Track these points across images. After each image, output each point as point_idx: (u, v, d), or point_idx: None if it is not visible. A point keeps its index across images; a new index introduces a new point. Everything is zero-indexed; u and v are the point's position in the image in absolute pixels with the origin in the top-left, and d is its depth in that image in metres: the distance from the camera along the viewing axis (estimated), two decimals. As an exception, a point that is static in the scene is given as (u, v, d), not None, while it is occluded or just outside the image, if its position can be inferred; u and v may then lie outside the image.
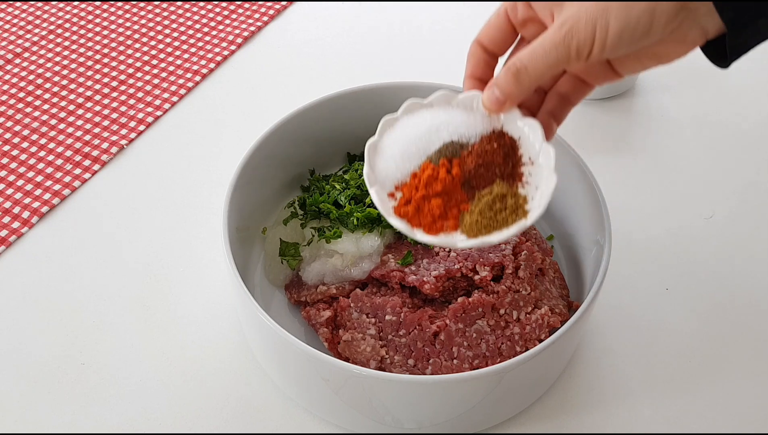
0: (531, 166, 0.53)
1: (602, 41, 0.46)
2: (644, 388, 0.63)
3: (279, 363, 0.60)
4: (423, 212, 0.52)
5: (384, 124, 0.56)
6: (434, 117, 0.54)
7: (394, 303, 0.60)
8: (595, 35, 0.46)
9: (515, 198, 0.52)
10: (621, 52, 0.47)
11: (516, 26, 0.53)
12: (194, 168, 0.81)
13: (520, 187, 0.53)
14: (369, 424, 0.59)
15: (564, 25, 0.47)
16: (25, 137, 0.83)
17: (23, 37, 0.96)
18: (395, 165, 0.54)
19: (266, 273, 0.68)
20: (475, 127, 0.54)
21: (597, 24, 0.46)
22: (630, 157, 0.82)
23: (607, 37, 0.46)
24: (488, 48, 0.54)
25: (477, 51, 0.54)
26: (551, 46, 0.47)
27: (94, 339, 0.66)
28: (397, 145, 0.54)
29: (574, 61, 0.47)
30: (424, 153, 0.53)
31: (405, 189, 0.53)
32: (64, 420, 0.61)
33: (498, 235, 0.51)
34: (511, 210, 0.51)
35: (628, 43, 0.46)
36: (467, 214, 0.52)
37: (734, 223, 0.75)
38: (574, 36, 0.46)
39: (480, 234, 0.51)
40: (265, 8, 1.00)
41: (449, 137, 0.53)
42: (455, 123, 0.54)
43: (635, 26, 0.45)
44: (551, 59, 0.47)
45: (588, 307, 0.56)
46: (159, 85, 0.90)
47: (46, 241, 0.74)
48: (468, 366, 0.58)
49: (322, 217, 0.67)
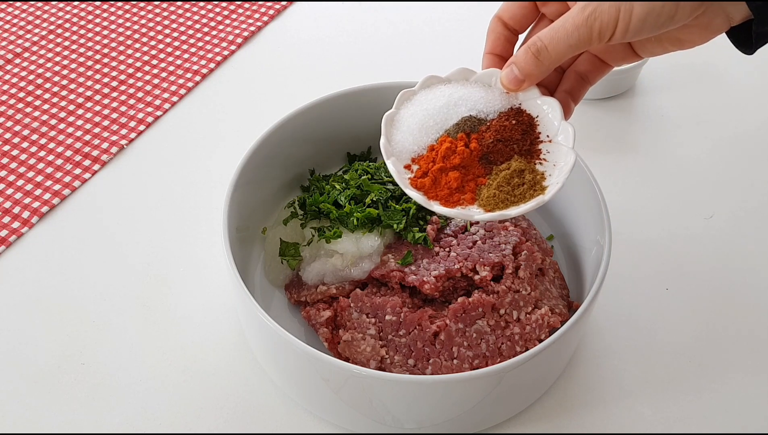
0: (549, 144, 0.53)
1: (625, 25, 0.45)
2: (644, 388, 0.63)
3: (279, 363, 0.60)
4: (440, 184, 0.52)
5: (401, 96, 0.56)
6: (453, 92, 0.54)
7: (394, 303, 0.60)
8: (618, 18, 0.45)
9: (533, 174, 0.52)
10: (644, 36, 0.47)
11: (538, 4, 0.53)
12: (194, 168, 0.81)
13: (538, 164, 0.52)
14: (369, 424, 0.59)
15: (587, 6, 0.46)
16: (25, 137, 0.83)
17: (23, 37, 0.96)
18: (412, 138, 0.54)
19: (266, 273, 0.68)
20: (494, 103, 0.54)
21: (621, 7, 0.45)
22: (630, 157, 0.82)
23: (631, 21, 0.45)
24: (508, 24, 0.54)
25: (497, 27, 0.54)
26: (573, 27, 0.47)
27: (94, 339, 0.66)
28: (415, 118, 0.54)
29: (596, 42, 0.47)
30: (442, 126, 0.53)
31: (422, 162, 0.53)
32: (64, 420, 0.61)
33: (515, 209, 0.51)
34: (529, 185, 0.51)
35: (651, 28, 0.46)
36: (485, 187, 0.52)
37: (734, 223, 0.75)
38: (597, 18, 0.46)
39: (497, 208, 0.51)
40: (265, 8, 1.00)
41: (467, 112, 0.53)
42: (474, 98, 0.54)
43: (660, 11, 0.45)
44: (573, 40, 0.47)
45: (588, 307, 0.56)
46: (159, 85, 0.90)
47: (46, 241, 0.74)
48: (468, 366, 0.58)
49: (322, 217, 0.67)
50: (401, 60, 0.94)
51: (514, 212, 0.51)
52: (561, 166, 0.52)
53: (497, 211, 0.51)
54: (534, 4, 0.53)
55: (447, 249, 0.64)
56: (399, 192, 0.67)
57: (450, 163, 0.52)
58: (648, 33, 0.46)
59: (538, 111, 0.53)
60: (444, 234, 0.65)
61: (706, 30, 0.48)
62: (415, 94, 0.56)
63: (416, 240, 0.64)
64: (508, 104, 0.54)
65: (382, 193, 0.66)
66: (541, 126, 0.53)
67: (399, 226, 0.64)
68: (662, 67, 0.91)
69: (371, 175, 0.69)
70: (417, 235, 0.64)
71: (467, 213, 0.51)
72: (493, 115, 0.53)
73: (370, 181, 0.67)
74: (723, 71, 0.92)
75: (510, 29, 0.54)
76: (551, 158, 0.52)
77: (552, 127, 0.53)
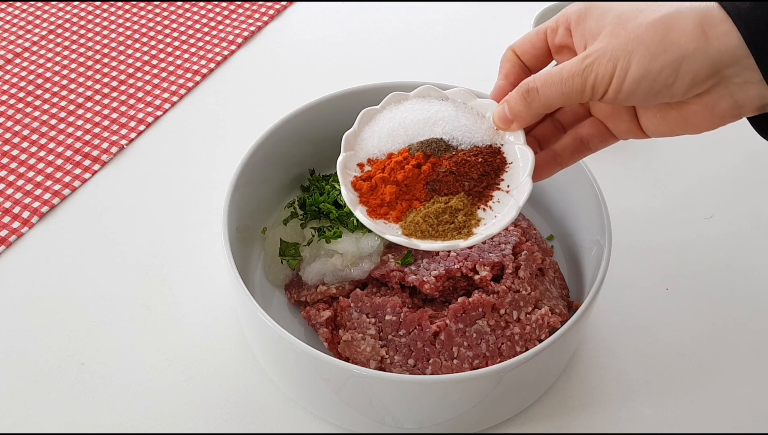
0: (504, 194, 0.52)
1: (619, 83, 0.44)
2: (644, 388, 0.63)
3: (279, 363, 0.60)
4: (375, 193, 0.52)
5: (390, 98, 0.55)
6: (440, 110, 0.54)
7: (394, 303, 0.60)
8: (613, 75, 0.44)
9: (468, 217, 0.51)
10: (638, 101, 0.45)
11: (552, 50, 0.52)
12: (194, 168, 0.81)
13: (481, 209, 0.51)
14: (369, 424, 0.59)
15: (587, 57, 0.45)
16: (25, 137, 0.83)
17: (23, 37, 0.96)
18: (378, 140, 0.54)
19: (266, 273, 0.68)
20: (474, 135, 0.52)
21: (618, 64, 0.44)
22: (630, 157, 0.82)
23: (625, 81, 0.44)
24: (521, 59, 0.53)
25: (512, 57, 0.53)
26: (568, 74, 0.46)
27: (94, 339, 0.66)
28: (391, 122, 0.54)
29: (588, 96, 0.46)
30: (409, 139, 0.53)
31: (375, 165, 0.53)
32: (64, 420, 0.61)
33: (428, 244, 0.50)
34: (456, 226, 0.50)
35: (646, 93, 0.44)
36: (414, 211, 0.51)
37: (734, 223, 0.75)
38: (593, 70, 0.45)
39: (414, 235, 0.51)
40: (265, 8, 1.00)
41: (441, 134, 0.53)
42: (456, 124, 0.53)
43: (656, 77, 0.43)
44: (565, 88, 0.46)
45: (588, 307, 0.56)
46: (159, 85, 0.90)
47: (46, 241, 0.74)
48: (468, 366, 0.58)
49: (322, 217, 0.67)
50: (401, 60, 0.94)
51: (423, 246, 0.50)
52: (498, 219, 0.50)
53: (411, 238, 0.50)
54: (547, 48, 0.52)
55: (447, 249, 0.64)
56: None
57: (393, 177, 0.51)
58: (643, 98, 0.45)
59: (513, 158, 0.52)
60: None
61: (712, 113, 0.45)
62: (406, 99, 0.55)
63: (416, 240, 0.64)
64: (489, 140, 0.52)
65: (382, 193, 0.66)
66: (508, 174, 0.52)
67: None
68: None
69: (371, 175, 0.69)
70: (417, 235, 0.64)
71: (383, 229, 0.51)
72: (466, 145, 0.52)
73: (370, 181, 0.67)
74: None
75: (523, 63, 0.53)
76: (497, 208, 0.51)
77: (516, 179, 0.52)
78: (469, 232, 0.50)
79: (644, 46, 0.43)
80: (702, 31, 0.42)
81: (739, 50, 0.42)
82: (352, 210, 0.52)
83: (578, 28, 0.48)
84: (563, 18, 0.50)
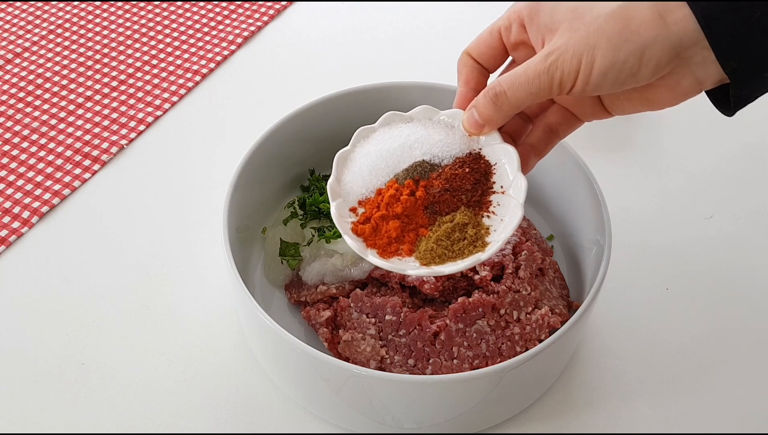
0: (501, 196, 0.51)
1: (586, 77, 0.45)
2: (644, 388, 0.63)
3: (279, 363, 0.60)
4: (380, 233, 0.51)
5: (358, 134, 0.54)
6: (411, 133, 0.53)
7: (394, 303, 0.60)
8: (579, 70, 0.45)
9: (477, 228, 0.50)
10: (605, 91, 0.46)
11: (508, 47, 0.52)
12: (194, 168, 0.81)
13: (485, 217, 0.51)
14: (369, 424, 0.59)
15: (550, 55, 0.45)
16: (25, 137, 0.83)
17: (23, 37, 0.96)
18: (362, 180, 0.53)
19: (266, 273, 0.68)
20: (452, 147, 0.52)
21: (582, 59, 0.44)
22: (630, 157, 0.82)
23: (591, 74, 0.44)
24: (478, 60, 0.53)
25: (468, 61, 0.53)
26: (534, 74, 0.46)
27: (94, 339, 0.66)
28: (368, 158, 0.53)
29: (556, 92, 0.46)
30: (393, 170, 0.52)
31: (367, 205, 0.52)
32: (64, 420, 0.61)
33: (451, 266, 0.49)
34: (470, 241, 0.50)
35: (612, 83, 0.45)
36: (424, 239, 0.51)
37: (734, 223, 0.75)
38: (558, 68, 0.45)
39: (433, 262, 0.50)
40: (265, 8, 1.00)
41: (421, 156, 0.52)
42: (431, 141, 0.52)
43: (621, 67, 0.44)
44: (533, 88, 0.46)
45: (588, 307, 0.56)
46: (159, 85, 0.90)
47: (46, 241, 0.74)
48: (468, 366, 0.58)
49: (322, 217, 0.67)
50: (401, 60, 0.94)
51: (447, 270, 0.49)
52: (507, 222, 0.50)
53: (432, 266, 0.50)
54: (503, 46, 0.52)
55: (447, 249, 0.64)
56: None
57: (392, 211, 0.51)
58: (610, 88, 0.45)
59: (496, 158, 0.52)
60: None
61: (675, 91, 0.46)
62: (373, 131, 0.54)
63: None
64: (467, 148, 0.52)
65: (382, 193, 0.66)
66: (497, 175, 0.52)
67: None
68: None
69: (371, 175, 0.68)
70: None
71: (401, 266, 0.50)
72: (448, 160, 0.52)
73: (370, 181, 0.67)
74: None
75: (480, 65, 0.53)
76: (500, 211, 0.51)
77: (507, 178, 0.51)
78: (484, 243, 0.50)
79: (606, 39, 0.44)
80: (660, 18, 0.43)
81: (697, 33, 0.43)
82: (363, 256, 0.50)
83: (532, 24, 0.48)
84: (514, 15, 0.50)
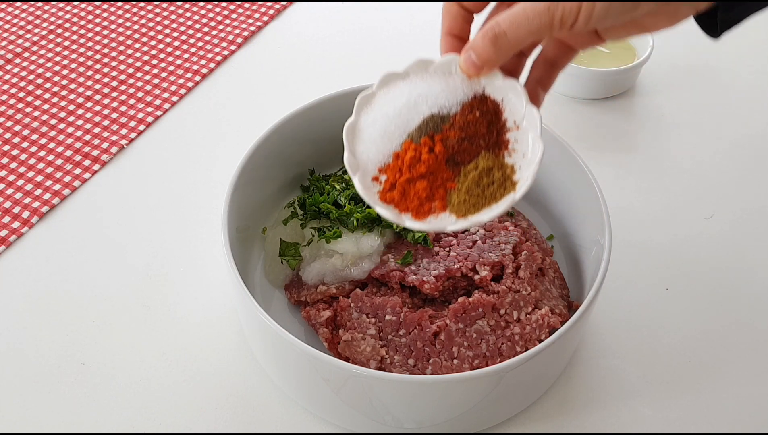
0: (517, 131, 0.51)
1: (588, 13, 0.44)
2: (644, 388, 0.63)
3: (279, 363, 0.60)
4: (409, 196, 0.51)
5: (360, 102, 0.53)
6: (411, 89, 0.52)
7: (394, 303, 0.60)
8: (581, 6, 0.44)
9: (502, 169, 0.50)
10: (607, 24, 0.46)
11: None
12: (194, 168, 0.81)
13: (506, 156, 0.51)
14: (369, 424, 0.59)
15: None
16: (25, 137, 0.83)
17: (23, 37, 0.96)
18: (376, 147, 0.52)
19: (266, 273, 0.68)
20: (456, 94, 0.51)
21: None
22: (630, 157, 0.82)
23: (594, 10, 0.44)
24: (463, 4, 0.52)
25: (452, 8, 0.52)
26: (533, 13, 0.45)
27: (94, 339, 0.66)
28: (376, 125, 0.52)
29: (557, 30, 0.45)
30: (404, 130, 0.51)
31: (389, 171, 0.51)
32: (64, 420, 0.61)
33: (488, 212, 0.49)
34: (498, 183, 0.50)
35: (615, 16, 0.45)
36: (454, 192, 0.50)
37: (734, 223, 0.75)
38: (559, 6, 0.44)
39: (469, 213, 0.50)
40: (265, 8, 1.00)
41: (429, 111, 0.51)
42: (434, 93, 0.52)
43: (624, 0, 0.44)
44: (533, 26, 0.45)
45: (588, 307, 0.56)
46: (159, 85, 0.90)
47: (46, 241, 0.74)
48: (468, 366, 0.58)
49: (322, 217, 0.67)
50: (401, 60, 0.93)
51: (486, 217, 0.49)
52: (530, 157, 0.50)
53: (469, 216, 0.50)
54: None
55: (447, 249, 0.64)
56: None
57: (417, 173, 0.50)
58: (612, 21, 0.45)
59: (502, 95, 0.51)
60: (444, 234, 0.65)
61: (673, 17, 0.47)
62: (373, 96, 0.54)
63: (416, 240, 0.64)
64: (471, 92, 0.51)
65: (382, 193, 0.66)
66: (507, 111, 0.51)
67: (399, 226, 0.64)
68: (662, 67, 0.91)
69: (371, 175, 0.68)
70: (417, 235, 0.64)
71: (440, 224, 0.50)
72: (456, 107, 0.51)
73: (370, 181, 0.67)
74: (723, 71, 0.92)
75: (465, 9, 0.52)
76: (520, 147, 0.51)
77: (518, 112, 0.51)
78: (513, 182, 0.50)
79: None
80: None
81: None
82: (401, 223, 0.50)
83: None
84: None
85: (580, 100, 0.87)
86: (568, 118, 0.86)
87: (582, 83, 0.86)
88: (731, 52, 0.94)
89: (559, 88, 0.87)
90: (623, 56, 0.88)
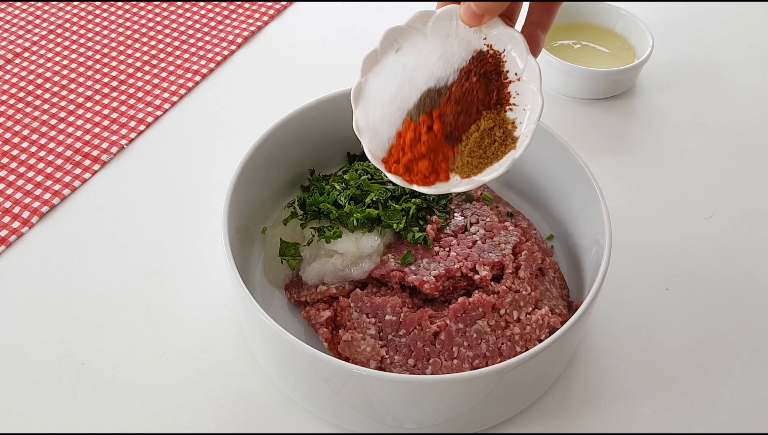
0: (518, 84, 0.51)
1: None
2: (644, 388, 0.63)
3: (279, 363, 0.60)
4: (413, 172, 0.53)
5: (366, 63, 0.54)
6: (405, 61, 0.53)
7: (394, 303, 0.60)
8: None
9: (503, 126, 0.51)
10: None
11: None
12: (194, 168, 0.81)
13: (508, 111, 0.51)
14: (369, 424, 0.59)
15: None
16: (25, 137, 0.83)
17: (23, 37, 0.96)
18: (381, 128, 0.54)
19: (266, 273, 0.68)
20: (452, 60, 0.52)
21: None
22: (630, 157, 0.82)
23: None
24: None
25: None
26: None
27: (94, 339, 0.66)
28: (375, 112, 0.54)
29: None
30: (404, 108, 0.53)
31: (393, 150, 0.53)
32: (64, 420, 0.61)
33: (490, 173, 0.51)
34: (500, 142, 0.51)
35: None
36: (458, 156, 0.52)
37: (734, 223, 0.75)
38: None
39: (472, 174, 0.51)
40: (265, 8, 1.00)
41: (425, 85, 0.52)
42: (429, 64, 0.52)
43: None
44: None
45: (588, 307, 0.56)
46: (159, 85, 0.90)
47: (46, 241, 0.74)
48: (468, 366, 0.58)
49: (322, 217, 0.67)
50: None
51: (487, 178, 0.51)
52: (530, 112, 0.50)
53: (473, 176, 0.51)
54: None
55: (447, 249, 0.64)
56: (399, 192, 0.67)
57: (418, 153, 0.52)
58: None
59: (503, 45, 0.51)
60: (444, 234, 0.65)
61: None
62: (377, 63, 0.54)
63: (416, 240, 0.64)
64: (468, 53, 0.51)
65: (382, 193, 0.66)
66: (509, 63, 0.51)
67: (399, 226, 0.64)
68: (662, 67, 0.91)
69: (371, 175, 0.69)
70: (417, 235, 0.64)
71: (446, 188, 0.52)
72: (453, 75, 0.51)
73: (370, 181, 0.67)
74: (723, 71, 0.92)
75: None
76: (520, 100, 0.51)
77: (518, 63, 0.51)
78: (514, 139, 0.51)
79: None
80: None
81: None
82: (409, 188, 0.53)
83: None
84: None
85: (580, 100, 0.87)
86: (568, 118, 0.86)
87: (582, 83, 0.86)
88: (731, 52, 0.95)
89: (559, 88, 0.88)
90: (623, 56, 0.88)
